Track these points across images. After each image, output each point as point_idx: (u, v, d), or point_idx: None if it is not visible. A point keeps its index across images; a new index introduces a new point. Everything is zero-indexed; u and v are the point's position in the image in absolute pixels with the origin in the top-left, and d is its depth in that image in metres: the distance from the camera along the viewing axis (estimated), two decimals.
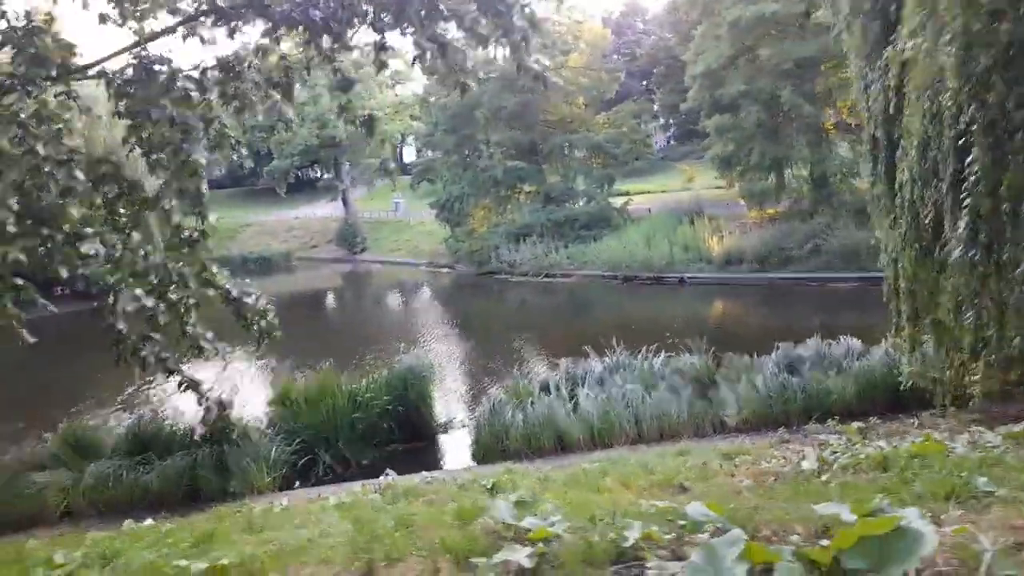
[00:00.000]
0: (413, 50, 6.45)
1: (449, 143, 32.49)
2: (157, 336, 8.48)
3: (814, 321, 17.01)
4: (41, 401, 14.32)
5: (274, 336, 9.30)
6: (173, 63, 5.94)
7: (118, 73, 6.76)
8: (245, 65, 7.20)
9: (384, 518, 4.19)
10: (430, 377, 11.55)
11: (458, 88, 6.57)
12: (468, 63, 6.68)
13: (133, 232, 8.13)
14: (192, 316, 8.95)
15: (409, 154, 63.07)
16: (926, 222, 7.32)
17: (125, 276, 6.88)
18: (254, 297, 9.20)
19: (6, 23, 5.68)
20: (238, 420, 9.30)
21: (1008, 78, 5.13)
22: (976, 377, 5.95)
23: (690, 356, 10.95)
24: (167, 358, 8.62)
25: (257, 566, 2.97)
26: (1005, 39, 4.99)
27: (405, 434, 10.85)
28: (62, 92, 6.42)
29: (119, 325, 7.78)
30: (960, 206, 6.82)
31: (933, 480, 3.68)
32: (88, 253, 6.12)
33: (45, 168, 5.24)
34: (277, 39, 6.51)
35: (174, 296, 8.53)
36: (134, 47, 6.34)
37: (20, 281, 7.34)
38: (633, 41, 52.82)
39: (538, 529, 2.94)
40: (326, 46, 6.64)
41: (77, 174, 5.58)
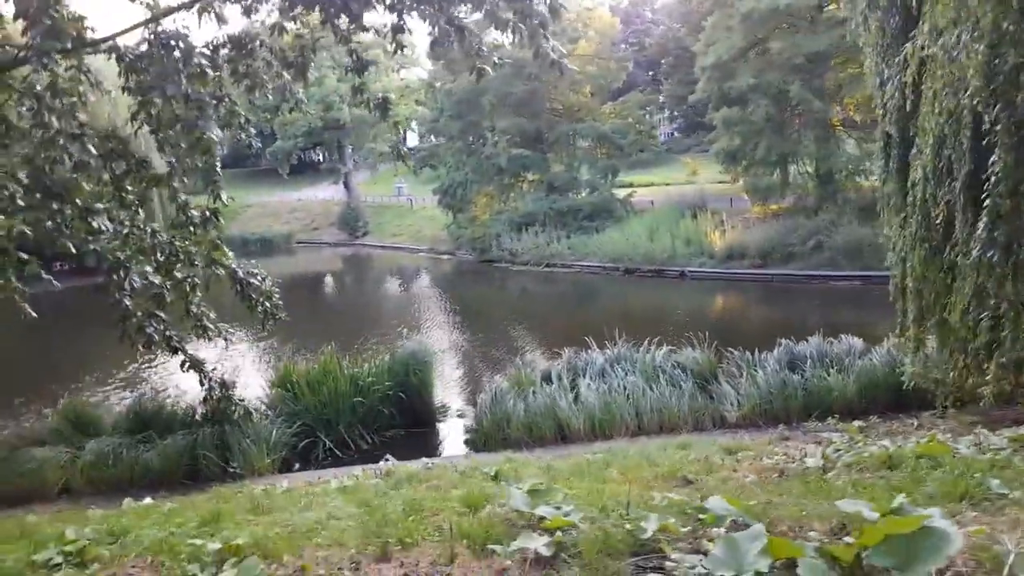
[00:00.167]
0: (426, 33, 6.43)
1: (454, 129, 32.35)
2: (162, 314, 8.50)
3: (815, 318, 17.06)
4: (40, 376, 14.30)
5: (279, 318, 9.31)
6: (190, 38, 5.87)
7: (130, 48, 6.71)
8: (257, 43, 7.15)
9: (392, 503, 4.18)
10: (432, 363, 11.55)
11: (475, 73, 6.52)
12: (484, 48, 6.64)
13: (140, 209, 8.13)
14: (197, 295, 8.95)
15: (412, 139, 62.85)
16: (937, 222, 7.29)
17: (134, 253, 6.84)
18: (260, 278, 9.21)
19: None
20: (240, 401, 9.27)
21: None
22: (988, 378, 5.93)
23: (692, 350, 10.95)
24: (172, 336, 8.64)
25: (271, 547, 2.96)
26: None
27: (406, 420, 10.84)
28: (72, 66, 6.36)
29: (126, 302, 7.78)
30: (973, 206, 6.82)
31: (945, 481, 3.68)
32: (99, 228, 6.09)
33: (59, 141, 5.19)
34: (294, 18, 6.45)
35: (179, 274, 8.53)
36: (148, 23, 6.27)
37: (24, 256, 7.33)
38: (641, 31, 52.54)
39: (554, 518, 2.94)
40: (343, 27, 6.59)
41: (90, 148, 5.54)
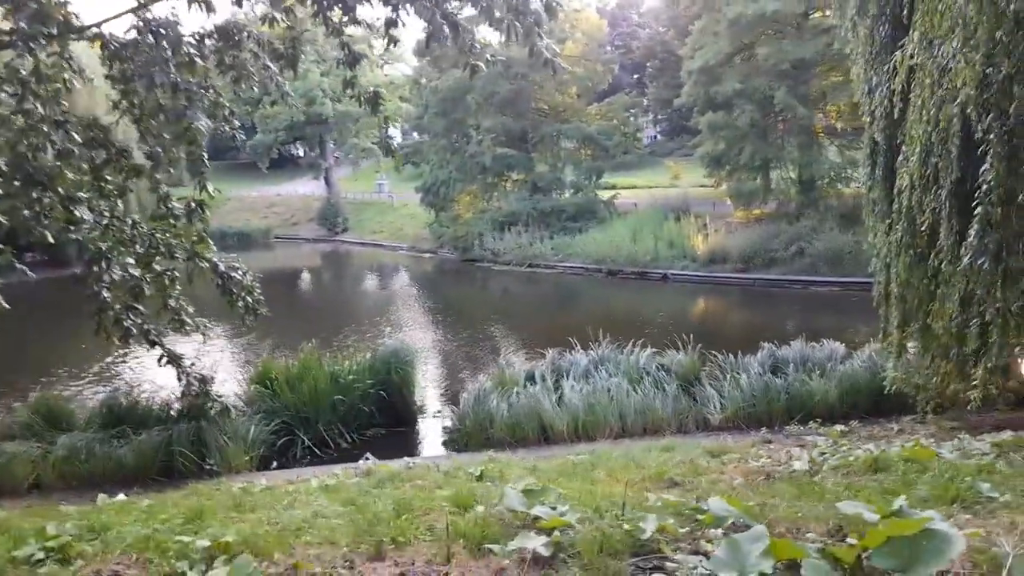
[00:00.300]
0: (421, 29, 6.35)
1: (438, 126, 32.20)
2: (141, 307, 8.31)
3: (795, 323, 17.23)
4: (10, 370, 13.95)
5: (260, 313, 9.16)
6: (179, 26, 5.75)
7: (114, 36, 6.55)
8: (244, 34, 7.02)
9: (380, 502, 4.11)
10: (414, 362, 11.46)
11: (468, 69, 6.47)
12: (477, 45, 6.59)
13: (119, 200, 7.93)
14: (176, 289, 8.77)
15: (395, 136, 62.50)
16: (922, 229, 7.36)
17: (115, 244, 6.67)
18: (241, 272, 9.05)
19: None
20: (218, 397, 9.11)
21: None
22: (975, 382, 5.99)
23: (676, 353, 10.97)
24: (150, 330, 8.45)
25: (260, 544, 2.88)
26: None
27: (386, 419, 10.75)
28: (54, 52, 6.20)
29: (104, 294, 7.59)
30: (959, 214, 6.89)
31: (936, 484, 3.70)
32: (82, 217, 5.93)
33: (43, 128, 5.04)
34: (286, 9, 6.34)
35: (159, 267, 8.35)
36: (136, 10, 6.12)
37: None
38: (627, 33, 52.76)
39: (551, 518, 2.89)
40: (335, 20, 6.50)
41: (74, 136, 5.38)
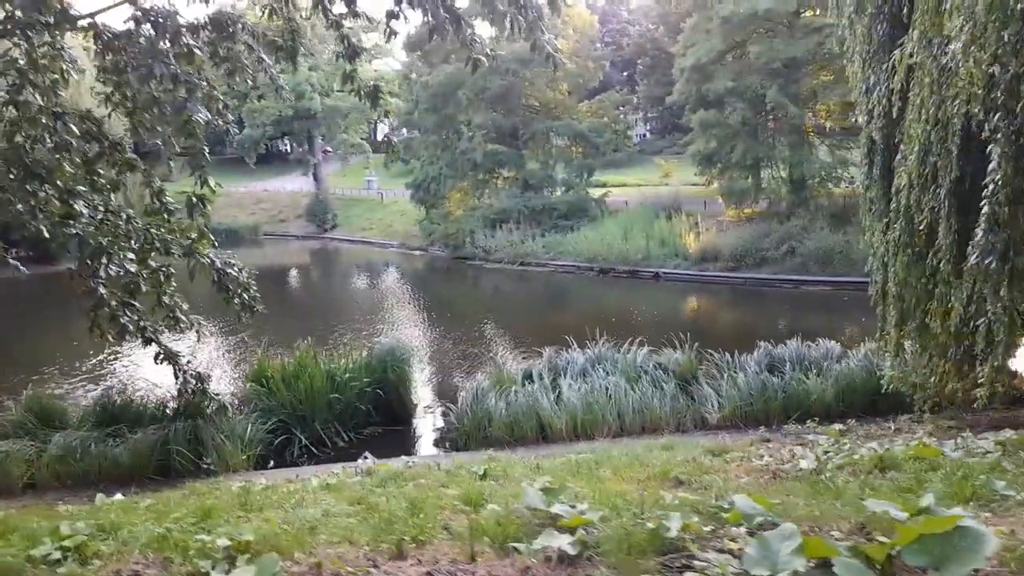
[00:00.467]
0: (422, 22, 6.30)
1: (429, 122, 32.08)
2: (137, 304, 8.21)
3: (788, 322, 17.33)
4: (1, 366, 13.77)
5: (256, 310, 9.08)
6: (180, 17, 5.67)
7: (107, 27, 6.45)
8: (239, 26, 6.94)
9: (392, 501, 4.07)
10: (410, 360, 11.42)
11: (470, 64, 6.44)
12: (477, 39, 6.56)
13: (112, 194, 7.82)
14: (172, 285, 8.67)
15: (383, 132, 62.29)
16: (921, 228, 7.40)
17: (116, 240, 6.58)
18: (237, 269, 8.96)
19: None
20: (216, 395, 9.02)
21: None
22: (981, 381, 6.04)
23: (673, 352, 10.98)
24: (146, 327, 8.35)
25: (280, 543, 2.83)
26: None
27: (383, 417, 10.71)
28: (46, 42, 6.09)
29: (100, 290, 7.48)
30: (958, 213, 6.94)
31: (949, 482, 3.71)
32: (81, 212, 5.84)
33: (41, 119, 4.95)
34: (286, 1, 6.28)
35: (153, 263, 8.25)
36: (129, 1, 6.03)
37: None
38: (617, 30, 52.81)
39: (572, 516, 2.87)
40: (336, 12, 6.44)
41: (72, 127, 5.30)
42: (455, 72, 29.64)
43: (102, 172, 7.57)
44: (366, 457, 8.32)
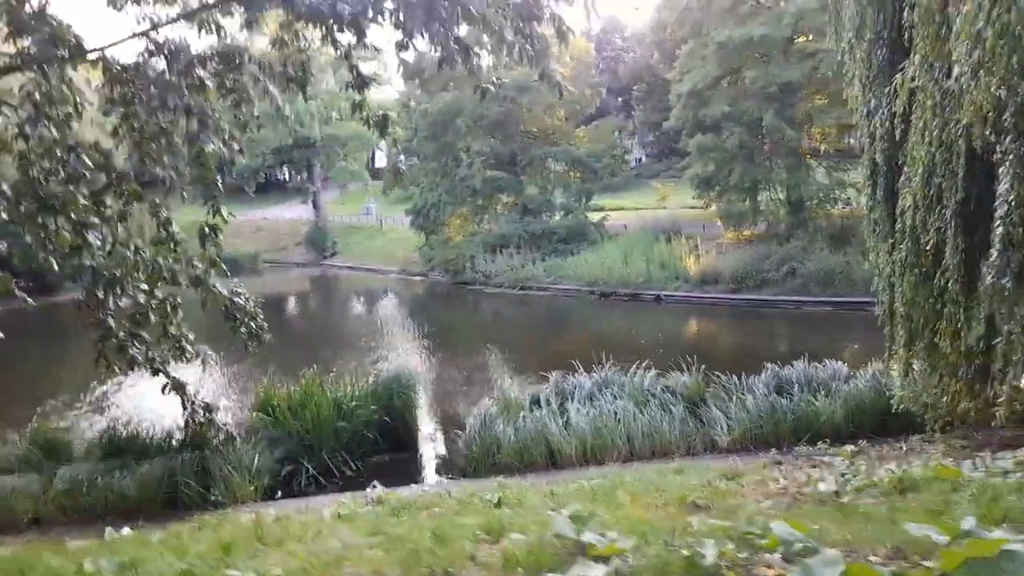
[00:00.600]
0: (433, 52, 6.38)
1: (428, 150, 32.33)
2: (145, 334, 8.18)
3: (791, 343, 17.31)
4: (2, 400, 13.68)
5: (264, 340, 9.04)
6: (192, 49, 5.73)
7: (115, 60, 6.51)
8: (246, 57, 7.01)
9: (414, 531, 4.03)
10: (415, 387, 11.37)
11: (478, 92, 6.50)
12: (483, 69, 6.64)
13: (119, 225, 7.83)
14: (178, 315, 8.65)
15: (381, 160, 62.65)
16: (927, 248, 7.45)
17: (129, 271, 6.58)
18: (244, 298, 8.95)
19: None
20: (224, 425, 8.96)
21: None
22: (1000, 400, 6.03)
23: (680, 374, 10.95)
24: (154, 358, 8.32)
25: None
26: None
27: (389, 444, 10.62)
28: (59, 77, 6.14)
29: (109, 321, 7.46)
30: (964, 233, 6.99)
31: (979, 504, 3.68)
32: (92, 243, 5.85)
33: (56, 152, 4.99)
34: (296, 33, 6.35)
35: (160, 294, 8.24)
36: (145, 33, 6.10)
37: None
38: (612, 57, 53.46)
39: (606, 545, 2.84)
40: (344, 43, 6.51)
41: (85, 159, 5.33)
42: (453, 100, 29.99)
43: (109, 203, 7.61)
44: (375, 486, 8.25)
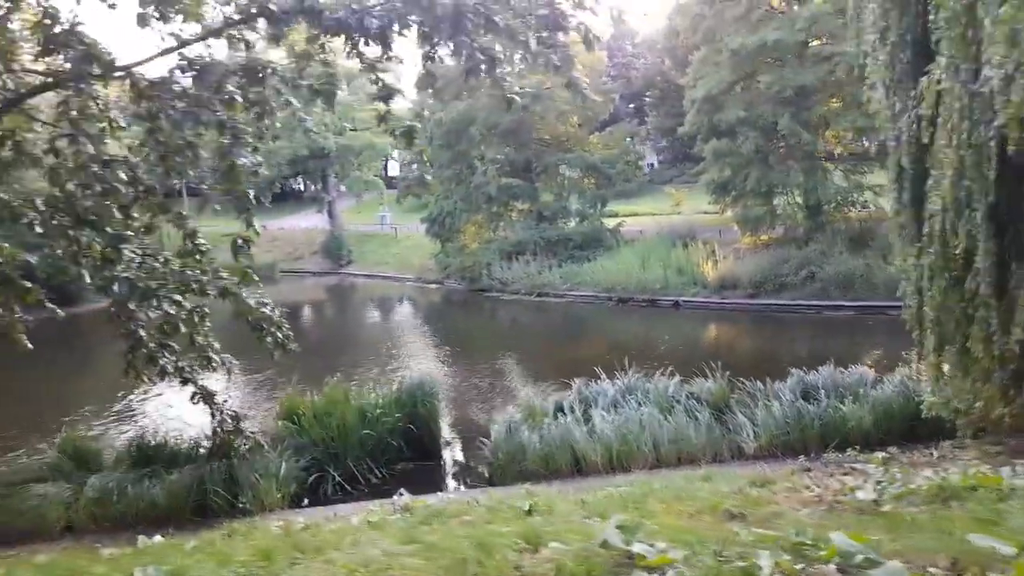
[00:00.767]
0: (461, 63, 6.43)
1: (443, 158, 32.46)
2: (174, 344, 8.29)
3: (814, 348, 17.16)
4: (29, 410, 13.84)
5: (289, 349, 9.11)
6: (225, 64, 5.81)
7: (140, 75, 6.61)
8: (268, 71, 7.10)
9: (452, 540, 4.03)
10: (439, 394, 11.40)
11: (504, 103, 6.55)
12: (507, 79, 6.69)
13: (146, 237, 7.95)
14: (205, 325, 8.75)
15: (393, 169, 62.98)
16: (957, 252, 7.38)
17: (165, 283, 6.66)
18: (270, 308, 9.03)
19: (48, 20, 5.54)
20: (252, 433, 9.03)
21: None
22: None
23: (704, 380, 10.90)
24: (183, 367, 8.42)
25: None
26: None
27: (413, 452, 10.65)
28: (90, 93, 6.24)
29: (140, 332, 7.56)
30: (996, 236, 6.92)
31: None
32: (131, 255, 5.93)
33: (92, 167, 5.07)
34: (322, 46, 6.42)
35: (188, 304, 8.34)
36: (176, 49, 6.19)
37: (28, 284, 7.11)
38: (623, 64, 53.46)
39: (657, 556, 2.83)
40: (370, 55, 6.58)
41: (120, 174, 5.41)
42: (467, 109, 30.12)
43: (136, 216, 7.72)
44: (401, 494, 8.26)
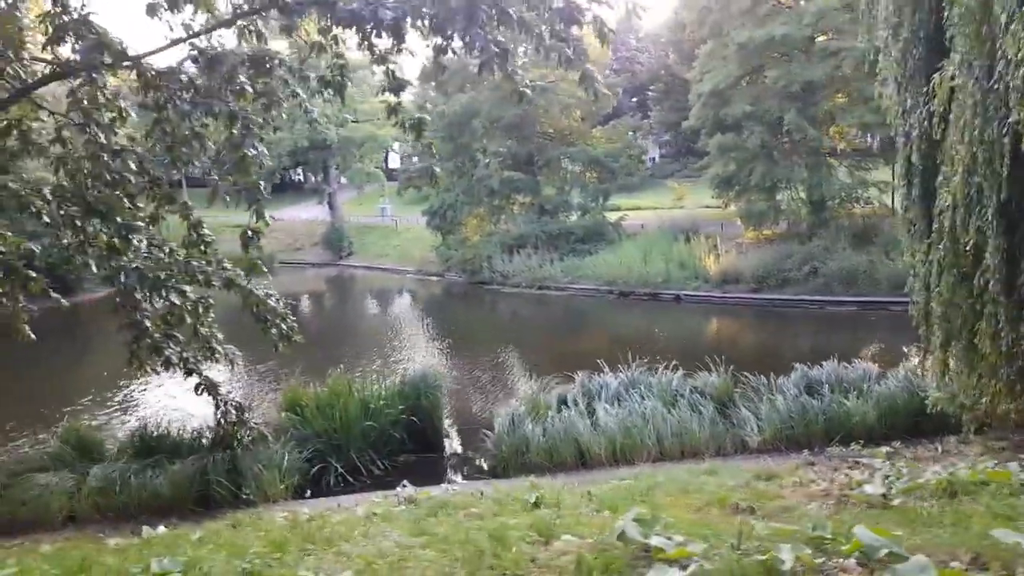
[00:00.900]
0: (474, 56, 6.38)
1: (445, 151, 32.36)
2: (179, 335, 8.26)
3: (816, 343, 17.17)
4: (31, 398, 13.84)
5: (293, 340, 9.08)
6: (237, 55, 5.76)
7: (148, 65, 6.56)
8: (276, 62, 7.05)
9: (458, 531, 4.03)
10: (442, 387, 11.38)
11: (516, 96, 6.50)
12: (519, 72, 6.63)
13: (151, 227, 7.90)
14: (209, 316, 8.71)
15: (394, 161, 62.84)
16: (966, 248, 7.37)
17: (173, 273, 6.63)
18: (274, 299, 9.00)
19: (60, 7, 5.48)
20: (256, 424, 9.01)
21: None
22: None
23: (708, 374, 10.89)
24: (188, 358, 8.39)
25: None
26: None
27: (416, 444, 10.64)
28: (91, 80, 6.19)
29: (146, 323, 7.53)
30: (1007, 233, 6.91)
31: None
32: (138, 245, 5.90)
33: (103, 157, 5.03)
34: (335, 37, 6.36)
35: (193, 295, 8.31)
36: (187, 39, 6.13)
37: (32, 273, 7.08)
38: (627, 58, 53.31)
39: (676, 549, 2.82)
40: (383, 47, 6.52)
41: (130, 164, 5.38)
42: (470, 101, 30.05)
43: (142, 206, 7.68)
44: (404, 485, 8.27)
